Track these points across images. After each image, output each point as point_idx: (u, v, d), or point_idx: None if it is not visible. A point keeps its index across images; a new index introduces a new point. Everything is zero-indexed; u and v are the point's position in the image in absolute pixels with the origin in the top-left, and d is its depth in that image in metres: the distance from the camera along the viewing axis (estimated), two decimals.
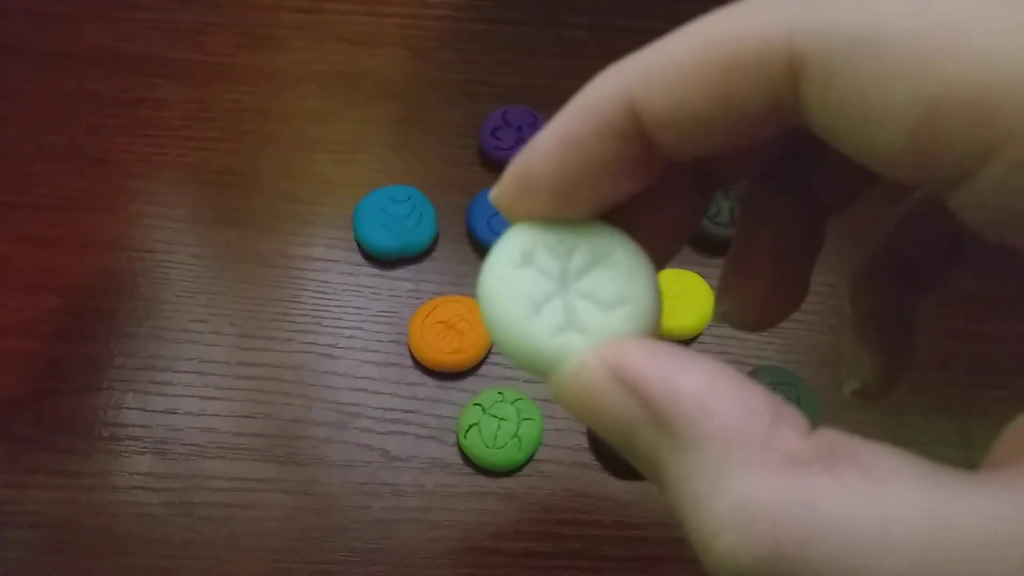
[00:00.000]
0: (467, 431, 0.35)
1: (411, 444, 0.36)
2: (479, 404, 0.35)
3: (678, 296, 0.38)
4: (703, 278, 0.39)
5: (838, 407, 0.37)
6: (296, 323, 0.38)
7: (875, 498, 0.10)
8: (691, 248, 0.41)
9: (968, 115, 0.10)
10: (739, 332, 0.41)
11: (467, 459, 0.35)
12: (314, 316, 0.38)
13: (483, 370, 0.37)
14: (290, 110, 0.44)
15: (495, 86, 0.46)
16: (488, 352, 0.37)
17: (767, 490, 0.11)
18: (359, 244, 0.40)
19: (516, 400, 0.35)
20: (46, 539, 0.33)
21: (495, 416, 0.35)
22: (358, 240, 0.39)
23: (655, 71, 0.12)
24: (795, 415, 0.12)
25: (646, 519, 0.35)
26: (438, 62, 0.47)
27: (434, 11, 0.48)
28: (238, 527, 0.34)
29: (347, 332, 0.38)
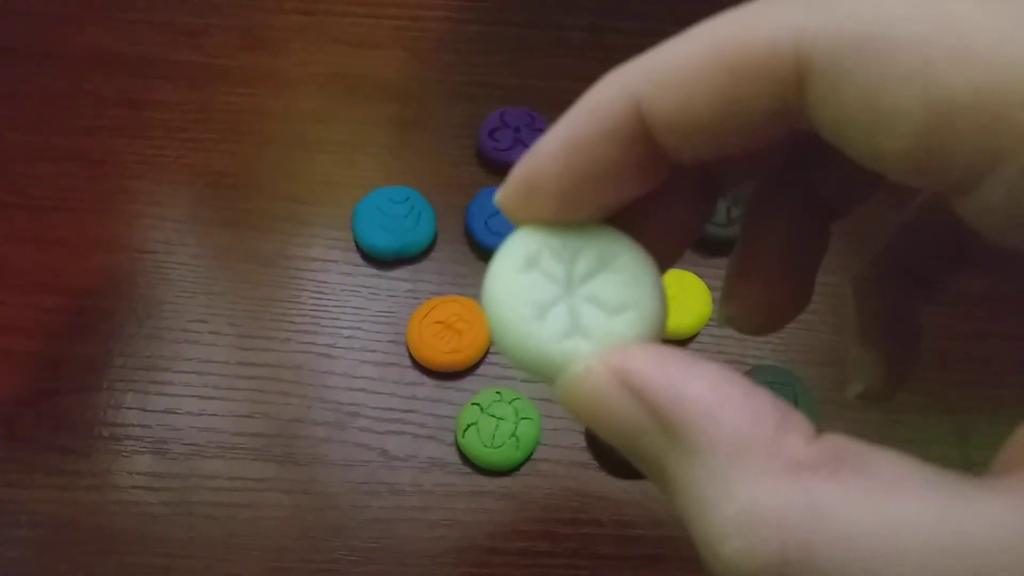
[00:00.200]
0: (465, 430, 0.35)
1: (409, 443, 0.36)
2: (477, 404, 0.35)
3: (675, 296, 0.38)
4: (700, 278, 0.39)
5: (835, 406, 0.37)
6: (295, 323, 0.38)
7: (882, 504, 0.10)
8: (688, 248, 0.41)
9: (977, 121, 0.10)
10: (736, 332, 0.41)
11: (465, 458, 0.35)
12: (313, 316, 0.38)
13: (481, 370, 0.38)
14: (289, 111, 0.44)
15: (494, 87, 0.46)
16: (486, 352, 0.37)
17: (773, 496, 0.11)
18: (358, 244, 0.40)
19: (514, 400, 0.36)
20: (46, 538, 0.33)
21: (493, 416, 0.35)
22: (357, 240, 0.40)
23: (661, 74, 0.12)
24: (801, 420, 0.12)
25: (644, 518, 0.35)
26: (437, 63, 0.47)
27: (433, 13, 0.49)
28: (237, 526, 0.34)
29: (346, 332, 0.38)
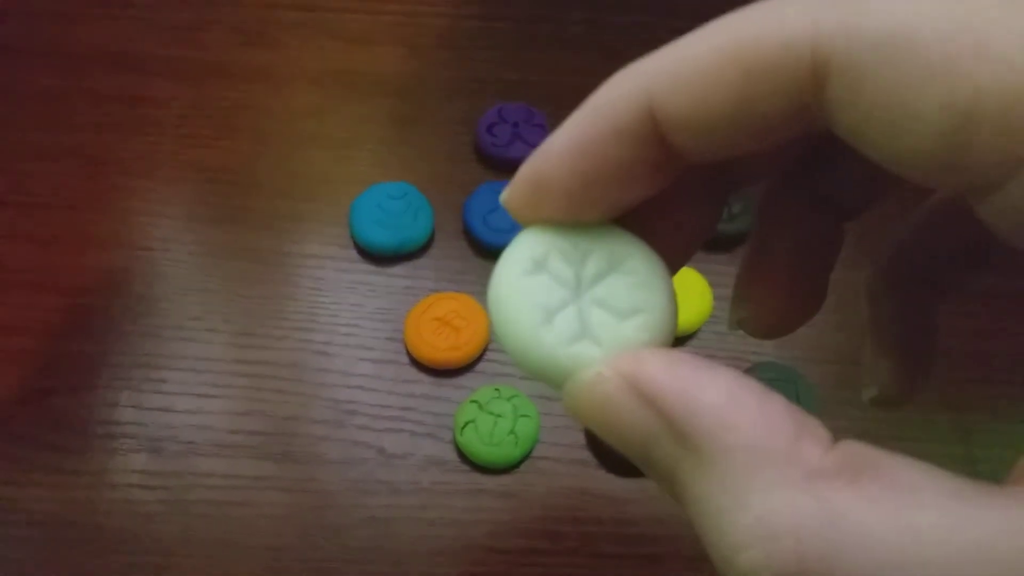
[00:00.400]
0: (463, 428, 0.35)
1: (407, 441, 0.36)
2: (475, 401, 0.35)
3: (676, 293, 0.38)
4: (701, 274, 0.39)
5: (837, 403, 0.37)
6: (292, 320, 0.38)
7: (900, 513, 0.10)
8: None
9: (1001, 121, 0.10)
10: (737, 330, 0.41)
11: (463, 456, 0.35)
12: (310, 313, 0.38)
13: (480, 367, 0.37)
14: (287, 108, 0.44)
15: (492, 83, 0.46)
16: (484, 349, 0.37)
17: (790, 505, 0.11)
18: (355, 241, 0.39)
19: (512, 397, 0.35)
20: (42, 537, 0.33)
21: (491, 413, 0.35)
22: (354, 237, 0.39)
23: (674, 72, 0.12)
24: (818, 428, 0.12)
25: (644, 516, 0.35)
26: (435, 59, 0.46)
27: (431, 8, 0.48)
28: (234, 524, 0.34)
29: (343, 329, 0.38)
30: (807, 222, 0.17)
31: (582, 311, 0.14)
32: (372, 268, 0.39)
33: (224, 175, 0.42)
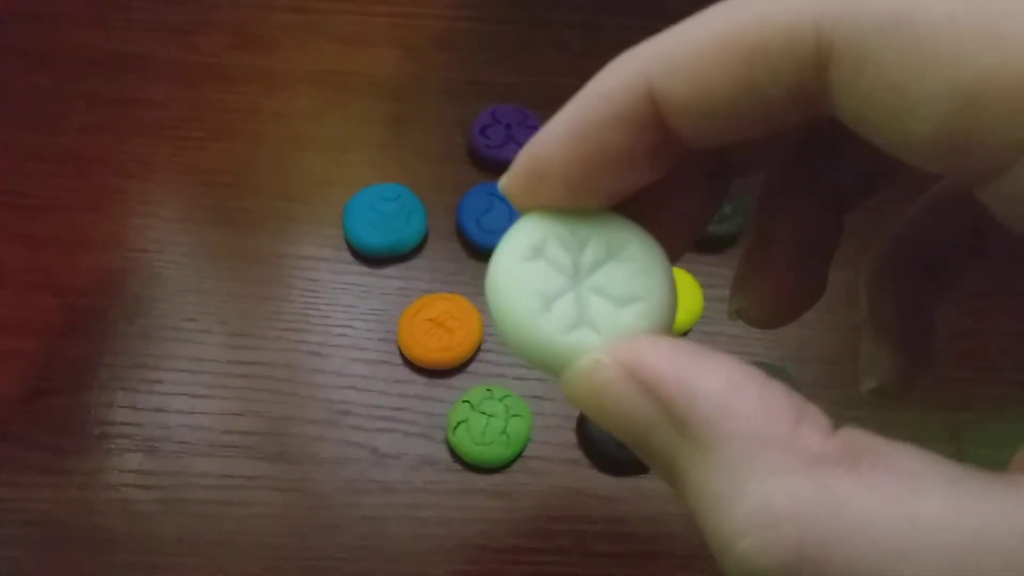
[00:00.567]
0: (456, 428, 0.35)
1: (400, 441, 0.36)
2: (468, 401, 0.35)
3: None
4: (691, 275, 0.39)
5: (829, 403, 0.37)
6: (286, 321, 0.38)
7: (902, 501, 0.10)
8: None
9: (1007, 106, 0.10)
10: (727, 328, 0.41)
11: (456, 456, 0.35)
12: (304, 314, 0.38)
13: (472, 367, 0.38)
14: (281, 109, 0.44)
15: (486, 85, 0.46)
16: (477, 349, 0.37)
17: (790, 492, 0.10)
18: (348, 242, 0.40)
19: (504, 397, 0.35)
20: (37, 537, 0.33)
21: (483, 413, 0.35)
22: (347, 238, 0.40)
23: (675, 57, 0.12)
24: (818, 415, 0.11)
25: (635, 514, 0.35)
26: (429, 61, 0.47)
27: (425, 10, 0.49)
28: (228, 524, 0.34)
29: (336, 330, 0.38)
30: (807, 212, 0.17)
31: (580, 298, 0.14)
32: (366, 269, 0.40)
33: (219, 177, 0.42)
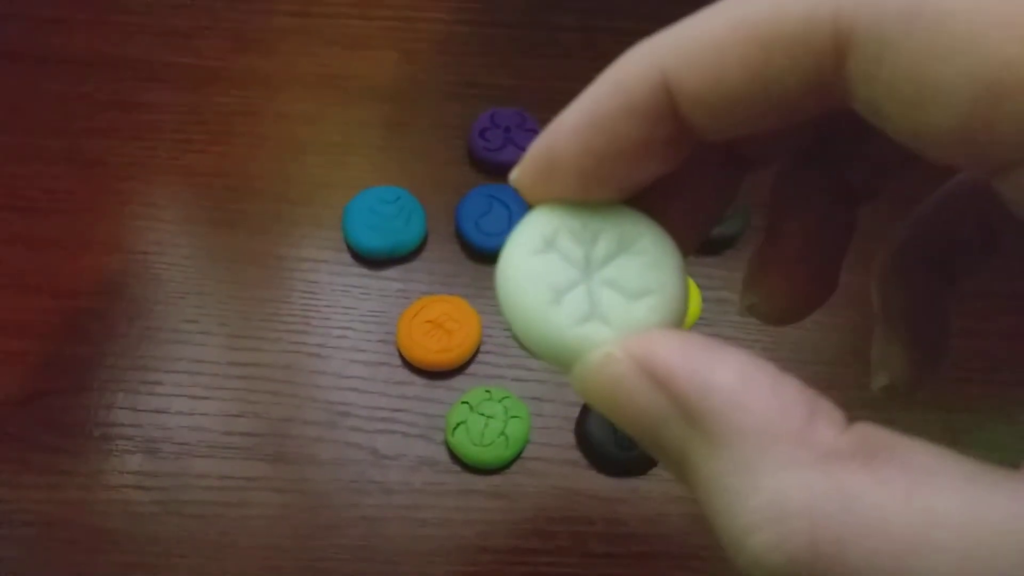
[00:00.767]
0: (455, 429, 0.35)
1: (399, 442, 0.36)
2: (467, 402, 0.35)
3: None
4: (690, 277, 0.39)
5: None
6: (286, 323, 0.38)
7: (917, 496, 0.10)
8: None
9: None
10: (725, 330, 0.41)
11: (455, 457, 0.35)
12: (303, 316, 0.39)
13: (471, 369, 0.38)
14: (281, 113, 0.45)
15: (485, 88, 0.46)
16: (476, 351, 0.38)
17: (803, 486, 0.10)
18: (348, 244, 0.40)
19: (503, 398, 0.36)
20: (37, 537, 0.33)
21: (482, 414, 0.35)
22: (347, 240, 0.40)
23: (690, 47, 0.12)
24: (831, 409, 0.11)
25: (634, 516, 0.35)
26: (428, 64, 0.47)
27: (425, 14, 0.49)
28: (228, 525, 0.34)
29: (336, 332, 0.38)
30: (820, 206, 0.16)
31: (592, 291, 0.13)
32: (365, 271, 0.40)
33: (219, 179, 0.42)
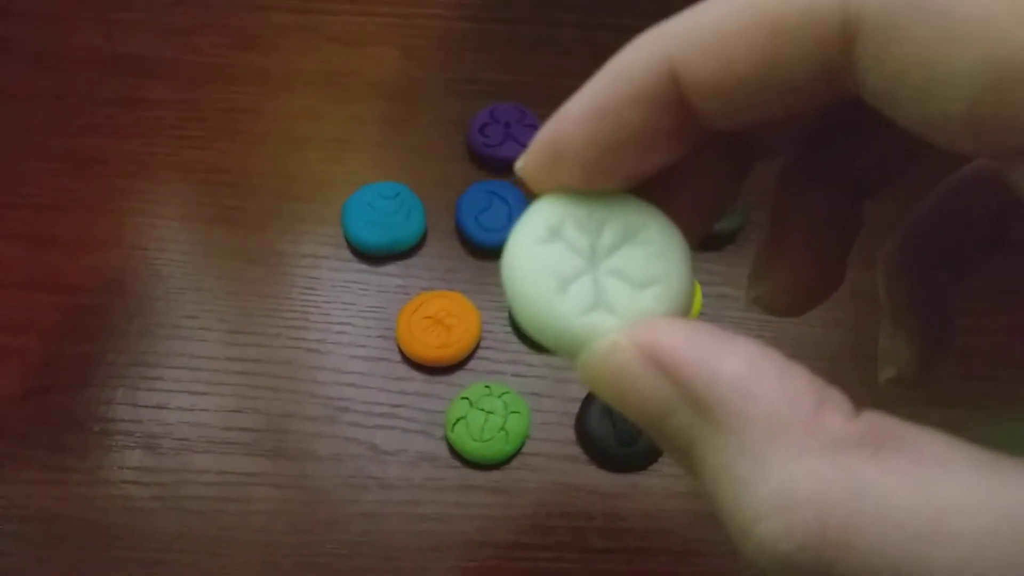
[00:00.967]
0: (454, 425, 0.35)
1: (399, 438, 0.36)
2: (466, 398, 0.35)
3: None
4: None
5: None
6: (285, 319, 0.38)
7: (927, 485, 0.10)
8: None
9: None
10: (726, 327, 0.41)
11: (454, 453, 0.35)
12: (303, 312, 0.39)
13: (471, 364, 0.38)
14: (281, 109, 0.45)
15: (485, 84, 0.46)
16: (475, 346, 0.38)
17: (812, 475, 0.10)
18: (348, 240, 0.40)
19: (503, 394, 0.36)
20: (37, 533, 0.33)
21: (482, 410, 0.35)
22: (347, 236, 0.40)
23: (697, 35, 0.12)
24: (840, 398, 0.11)
25: (633, 511, 0.35)
26: (428, 61, 0.47)
27: (425, 10, 0.49)
28: (227, 520, 0.34)
29: (336, 327, 0.38)
30: (827, 198, 0.16)
31: (597, 281, 0.13)
32: (365, 267, 0.40)
33: (219, 176, 0.42)
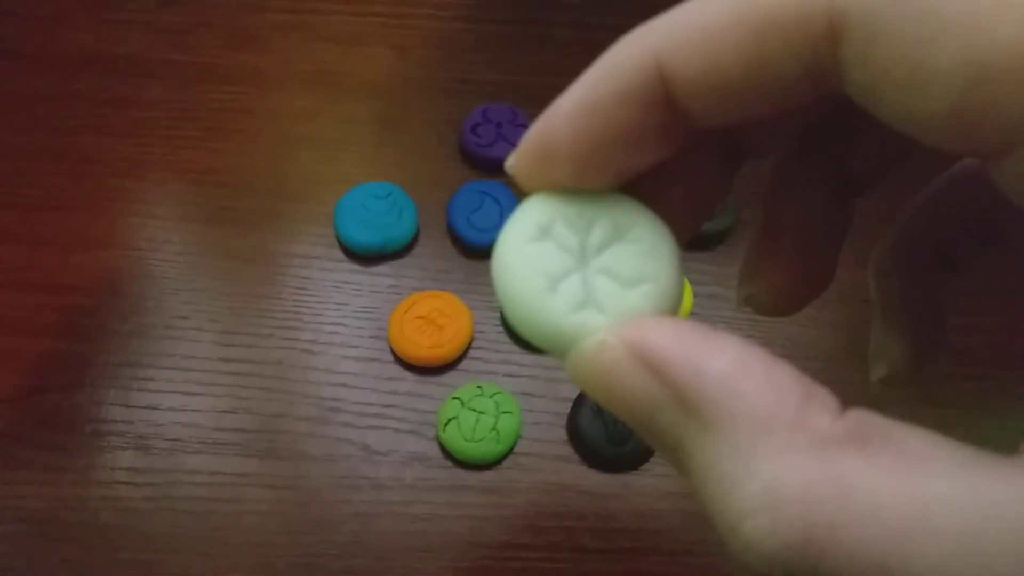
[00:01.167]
0: (446, 425, 0.35)
1: (391, 438, 0.36)
2: (458, 398, 0.35)
3: None
4: None
5: None
6: (277, 319, 0.38)
7: (912, 482, 0.10)
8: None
9: (1022, 80, 0.10)
10: (717, 327, 0.41)
11: (446, 453, 0.35)
12: (295, 312, 0.39)
13: (462, 364, 0.38)
14: (274, 109, 0.45)
15: (478, 84, 0.46)
16: (467, 347, 0.38)
17: (798, 472, 0.10)
18: (340, 240, 0.40)
19: (495, 394, 0.36)
20: (29, 533, 0.33)
21: (474, 410, 0.35)
22: (339, 236, 0.40)
23: (685, 32, 0.12)
24: (826, 395, 0.11)
25: (625, 511, 0.35)
26: (421, 61, 0.47)
27: (417, 10, 0.49)
28: (220, 521, 0.34)
29: (328, 328, 0.38)
30: (817, 197, 0.16)
31: (587, 279, 0.13)
32: (357, 267, 0.40)
33: (212, 176, 0.42)
